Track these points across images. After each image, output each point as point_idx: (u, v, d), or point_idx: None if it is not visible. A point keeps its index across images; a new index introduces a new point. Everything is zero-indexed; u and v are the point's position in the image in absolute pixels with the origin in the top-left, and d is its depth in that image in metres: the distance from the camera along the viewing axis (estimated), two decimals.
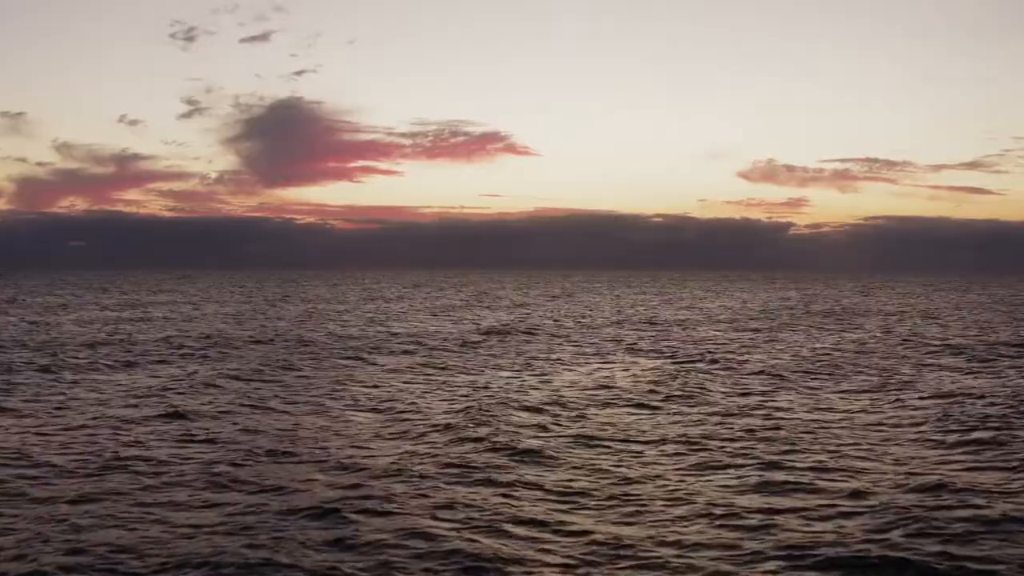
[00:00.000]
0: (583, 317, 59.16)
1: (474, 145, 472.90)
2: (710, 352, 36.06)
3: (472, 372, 29.75)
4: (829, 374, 29.65)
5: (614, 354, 35.69)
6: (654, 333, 45.97)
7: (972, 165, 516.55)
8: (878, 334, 45.82)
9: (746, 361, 33.08)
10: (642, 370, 30.48)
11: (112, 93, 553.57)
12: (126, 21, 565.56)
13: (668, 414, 21.75)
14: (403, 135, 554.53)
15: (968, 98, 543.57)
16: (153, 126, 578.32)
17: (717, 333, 46.34)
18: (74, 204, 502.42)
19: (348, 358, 33.18)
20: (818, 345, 39.75)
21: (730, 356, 34.81)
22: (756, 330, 48.28)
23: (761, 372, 29.87)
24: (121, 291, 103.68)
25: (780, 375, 29.16)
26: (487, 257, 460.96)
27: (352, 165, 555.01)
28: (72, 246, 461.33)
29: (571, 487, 14.59)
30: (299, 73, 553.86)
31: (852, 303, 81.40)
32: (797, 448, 17.57)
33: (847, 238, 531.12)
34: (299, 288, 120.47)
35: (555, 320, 55.75)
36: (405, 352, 35.50)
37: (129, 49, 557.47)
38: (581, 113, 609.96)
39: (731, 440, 18.43)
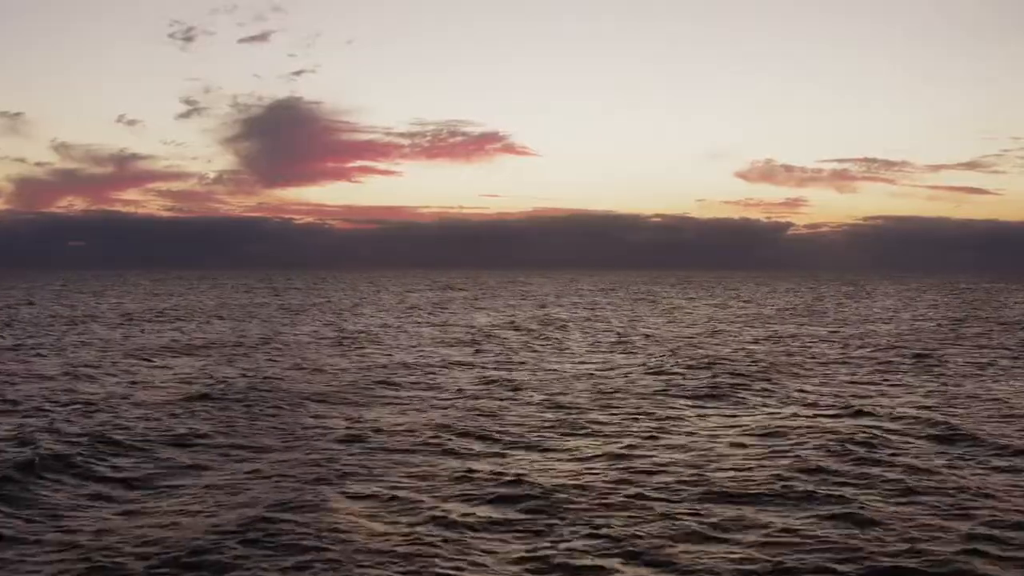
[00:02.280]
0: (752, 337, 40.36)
1: (473, 145, 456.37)
2: None
3: None
4: None
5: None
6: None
7: (970, 165, 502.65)
8: None
9: None
10: None
11: (111, 93, 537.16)
12: (125, 21, 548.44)
13: None
14: (402, 135, 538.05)
15: (967, 98, 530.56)
16: (152, 126, 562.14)
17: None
18: (72, 204, 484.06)
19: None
20: None
21: None
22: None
23: None
24: (115, 297, 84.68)
25: None
26: (487, 257, 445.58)
27: (351, 165, 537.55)
28: (72, 246, 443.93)
29: None
30: (298, 73, 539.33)
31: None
32: None
33: (846, 238, 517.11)
34: (310, 292, 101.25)
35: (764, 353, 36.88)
36: None
37: (128, 49, 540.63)
38: (581, 113, 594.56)
39: None
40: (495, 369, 27.09)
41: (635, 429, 17.38)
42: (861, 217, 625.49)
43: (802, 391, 22.51)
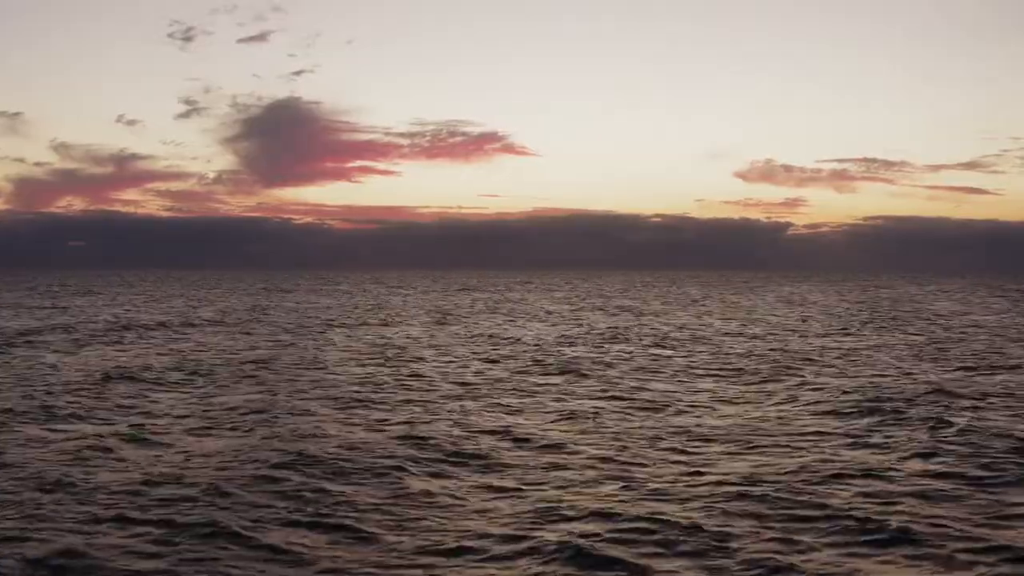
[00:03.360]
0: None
1: (472, 145, 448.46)
2: None
3: None
4: None
5: None
6: None
7: (970, 165, 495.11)
8: None
9: None
10: None
11: (110, 93, 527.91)
12: (125, 21, 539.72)
13: None
14: (401, 135, 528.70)
15: (967, 98, 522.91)
16: (151, 126, 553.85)
17: None
18: (71, 204, 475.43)
19: None
20: None
21: None
22: None
23: None
24: (103, 300, 77.51)
25: None
26: (486, 257, 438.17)
27: (350, 165, 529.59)
28: (71, 246, 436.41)
29: None
30: (297, 73, 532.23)
31: None
32: None
33: (846, 238, 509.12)
34: (319, 293, 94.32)
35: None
36: None
37: (127, 49, 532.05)
38: (581, 113, 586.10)
39: None
40: (583, 398, 20.14)
41: (863, 511, 10.64)
42: (861, 217, 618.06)
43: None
